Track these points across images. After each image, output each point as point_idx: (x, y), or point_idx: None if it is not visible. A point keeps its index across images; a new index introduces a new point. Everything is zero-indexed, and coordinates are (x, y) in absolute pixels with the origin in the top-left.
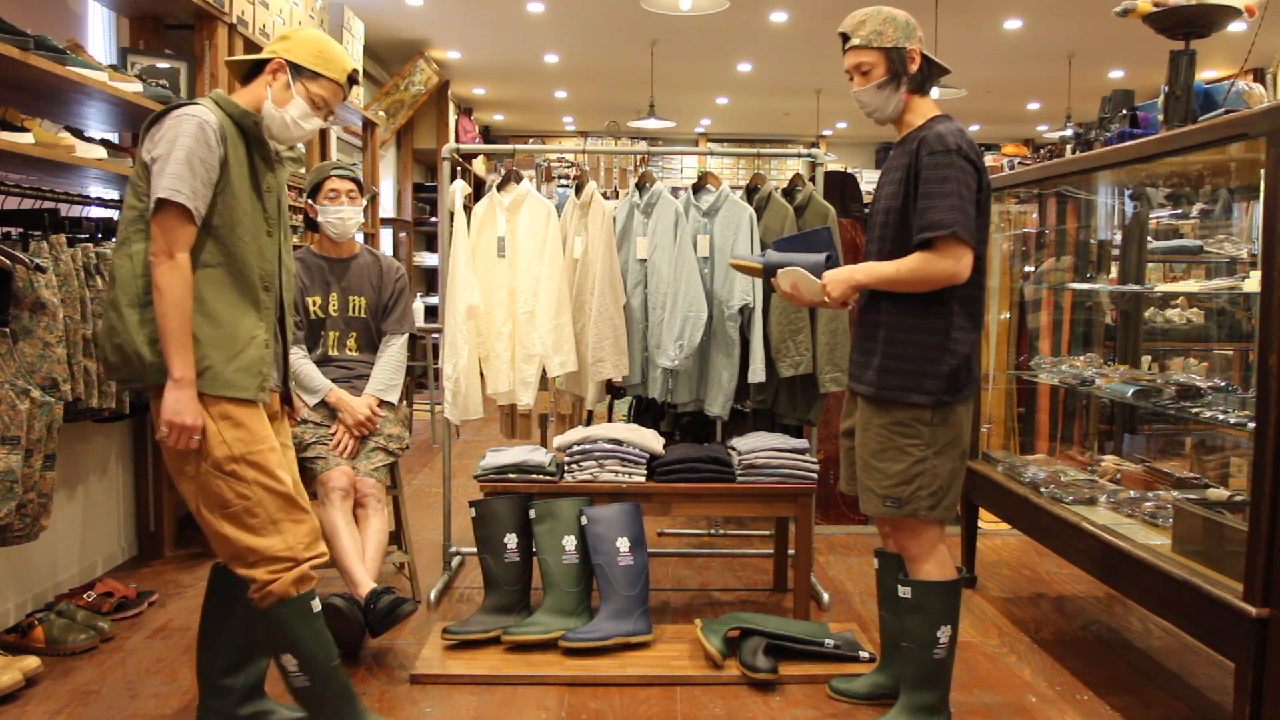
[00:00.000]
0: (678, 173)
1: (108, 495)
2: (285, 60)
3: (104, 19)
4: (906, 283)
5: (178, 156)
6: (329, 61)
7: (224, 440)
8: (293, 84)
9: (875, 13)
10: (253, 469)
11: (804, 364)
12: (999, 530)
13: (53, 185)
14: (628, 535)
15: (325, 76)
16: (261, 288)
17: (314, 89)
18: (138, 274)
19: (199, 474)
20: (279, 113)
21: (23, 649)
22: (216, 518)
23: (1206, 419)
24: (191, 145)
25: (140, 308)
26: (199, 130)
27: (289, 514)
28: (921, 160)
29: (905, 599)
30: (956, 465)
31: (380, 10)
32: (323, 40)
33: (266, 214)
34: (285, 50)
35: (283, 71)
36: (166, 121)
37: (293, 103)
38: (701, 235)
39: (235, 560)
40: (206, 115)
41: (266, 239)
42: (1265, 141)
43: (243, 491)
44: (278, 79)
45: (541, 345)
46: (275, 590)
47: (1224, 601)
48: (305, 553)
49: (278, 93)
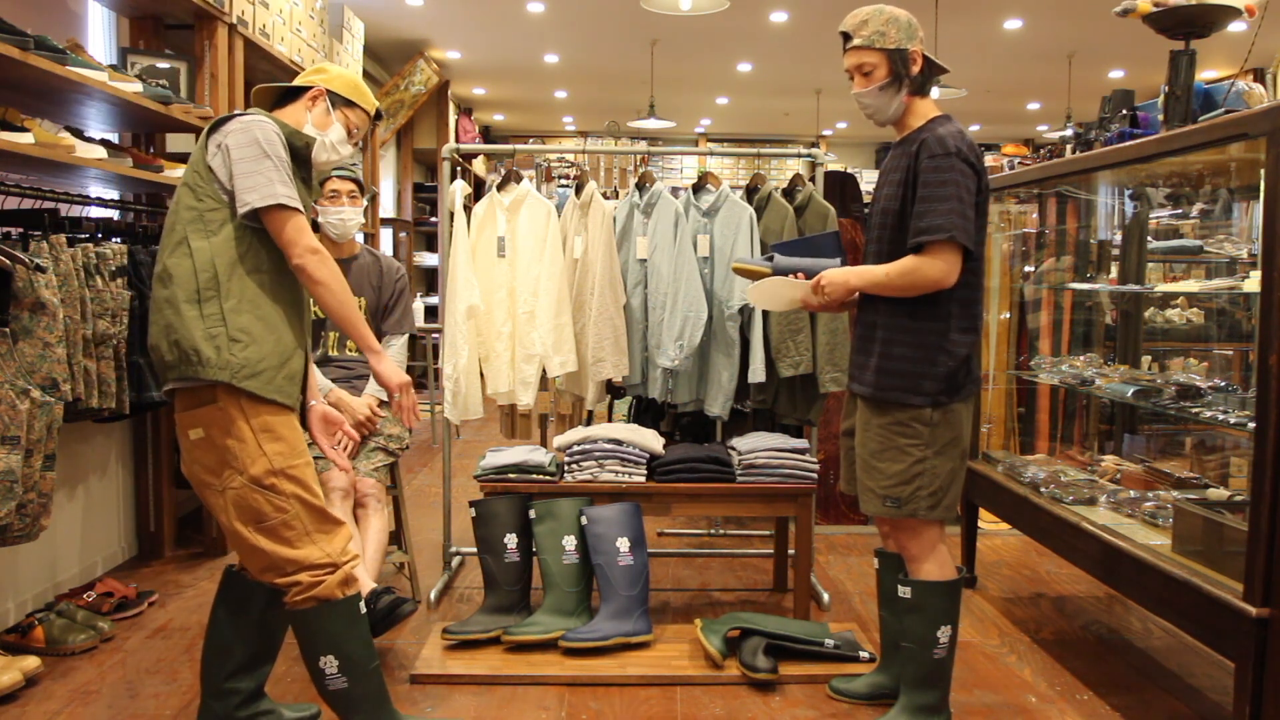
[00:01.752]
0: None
1: (108, 495)
2: (325, 89)
3: (104, 19)
4: (896, 287)
5: (264, 163)
6: (362, 95)
7: (264, 454)
8: (332, 111)
9: (878, 12)
10: (291, 483)
11: (804, 364)
12: (999, 530)
13: (53, 185)
14: (628, 535)
15: (359, 106)
16: (305, 298)
17: (350, 116)
18: (199, 269)
19: (236, 488)
20: (320, 136)
21: (23, 649)
22: (252, 531)
23: (1206, 419)
24: (275, 150)
25: (199, 304)
26: (277, 137)
27: (322, 525)
28: (921, 163)
29: (905, 599)
30: (956, 465)
31: (380, 10)
32: (355, 76)
33: None
34: (325, 81)
35: (323, 98)
36: (234, 127)
37: (333, 128)
38: (701, 235)
39: (271, 571)
40: (274, 124)
41: None
42: (1265, 141)
43: (280, 505)
44: (318, 105)
45: (541, 345)
46: (319, 594)
47: (1224, 601)
48: (342, 557)
49: (318, 117)
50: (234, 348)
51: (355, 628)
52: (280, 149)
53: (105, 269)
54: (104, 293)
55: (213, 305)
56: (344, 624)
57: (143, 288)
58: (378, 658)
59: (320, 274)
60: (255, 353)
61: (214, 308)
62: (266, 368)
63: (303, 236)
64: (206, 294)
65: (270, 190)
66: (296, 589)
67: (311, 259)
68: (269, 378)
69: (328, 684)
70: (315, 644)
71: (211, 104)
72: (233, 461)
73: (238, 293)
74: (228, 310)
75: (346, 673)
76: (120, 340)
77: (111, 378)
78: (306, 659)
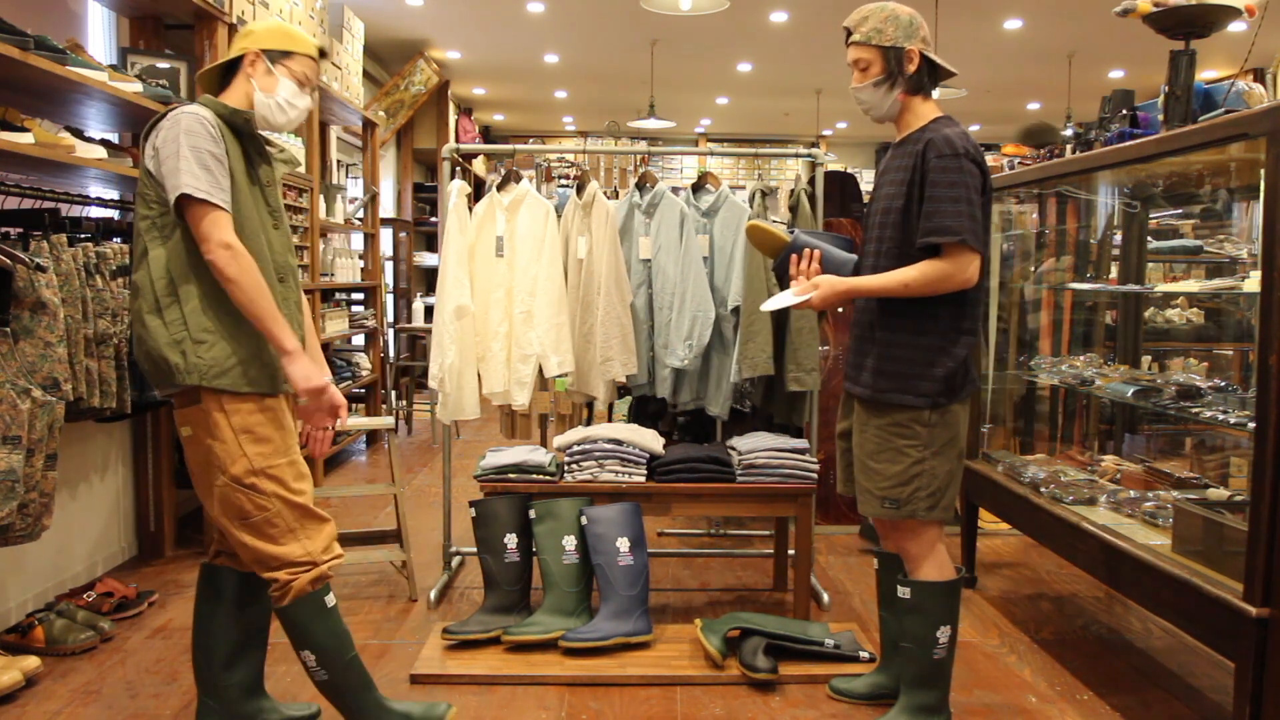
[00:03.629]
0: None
1: (108, 495)
2: (258, 50)
3: (104, 19)
4: (919, 291)
5: (185, 154)
6: (295, 39)
7: (244, 454)
8: (273, 69)
9: (879, 9)
10: (271, 482)
11: (761, 365)
12: (999, 530)
13: (53, 185)
14: (628, 535)
15: (298, 53)
16: (277, 279)
17: (294, 67)
18: (155, 278)
19: (220, 486)
20: (270, 99)
21: (23, 649)
22: (237, 527)
23: (1206, 419)
24: (196, 142)
25: (159, 312)
26: (199, 125)
27: (306, 523)
28: (929, 163)
29: (905, 599)
30: (954, 465)
31: (380, 10)
32: (280, 23)
33: (270, 207)
34: (253, 43)
35: (260, 60)
36: (164, 124)
37: (279, 85)
38: (701, 235)
39: (258, 565)
40: (202, 112)
41: (274, 232)
42: (1265, 141)
43: (261, 504)
44: (257, 68)
45: (539, 345)
46: (293, 588)
47: (1224, 601)
48: (323, 555)
49: (262, 81)
50: (199, 349)
51: (323, 620)
52: (202, 137)
53: (106, 268)
54: (105, 292)
55: (173, 311)
56: (309, 617)
57: None
58: (353, 648)
59: (229, 270)
60: (221, 350)
61: (175, 313)
62: (236, 363)
63: (215, 230)
64: (165, 301)
65: (176, 181)
66: (276, 585)
67: (222, 254)
68: (241, 372)
69: (313, 676)
70: (294, 639)
71: None
72: (215, 461)
73: (198, 293)
74: (188, 313)
75: (324, 665)
76: (121, 340)
77: (112, 377)
78: (297, 654)
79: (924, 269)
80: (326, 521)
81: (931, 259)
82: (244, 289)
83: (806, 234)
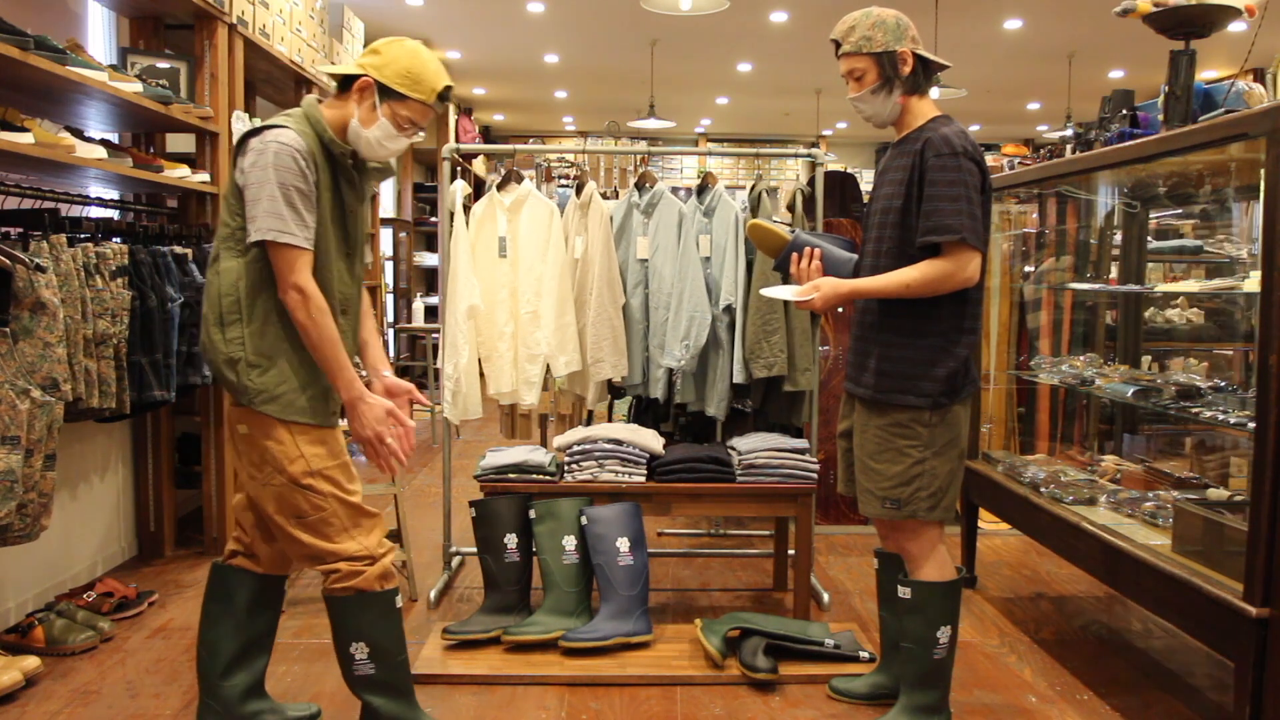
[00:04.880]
0: (678, 173)
1: (108, 495)
2: (374, 80)
3: (104, 19)
4: (920, 291)
5: (272, 191)
6: (417, 82)
7: (302, 455)
8: (379, 106)
9: (864, 17)
10: (328, 483)
11: (777, 365)
12: (999, 530)
13: (53, 185)
14: (628, 535)
15: (412, 98)
16: (340, 311)
17: (400, 111)
18: (224, 293)
19: (277, 485)
20: (364, 132)
21: (23, 649)
22: (292, 525)
23: (1206, 419)
24: (285, 177)
25: (223, 327)
26: (291, 160)
27: (359, 520)
28: (928, 162)
29: (905, 599)
30: (955, 466)
31: (380, 10)
32: (413, 58)
33: (348, 237)
34: (375, 68)
35: (370, 92)
36: (254, 146)
37: (377, 124)
38: (703, 235)
39: (311, 560)
40: (297, 144)
41: (344, 261)
42: (1265, 141)
43: (318, 504)
44: (365, 99)
45: (547, 345)
46: (359, 585)
47: (1224, 601)
48: (379, 549)
49: (364, 113)
50: (252, 373)
51: (389, 620)
52: (292, 173)
53: (105, 269)
54: (104, 292)
55: (235, 329)
56: (379, 615)
57: (143, 287)
58: (405, 651)
59: (299, 315)
60: (274, 377)
61: (236, 331)
62: (286, 390)
63: (291, 273)
64: (230, 317)
65: (262, 224)
66: (336, 576)
67: (294, 297)
68: (289, 400)
69: (355, 669)
70: (348, 630)
71: (211, 104)
72: (272, 461)
73: (262, 314)
74: (249, 334)
75: (375, 660)
76: (121, 340)
77: (112, 377)
78: (338, 643)
79: (924, 269)
80: (378, 517)
81: (932, 259)
82: (309, 334)
83: (807, 234)
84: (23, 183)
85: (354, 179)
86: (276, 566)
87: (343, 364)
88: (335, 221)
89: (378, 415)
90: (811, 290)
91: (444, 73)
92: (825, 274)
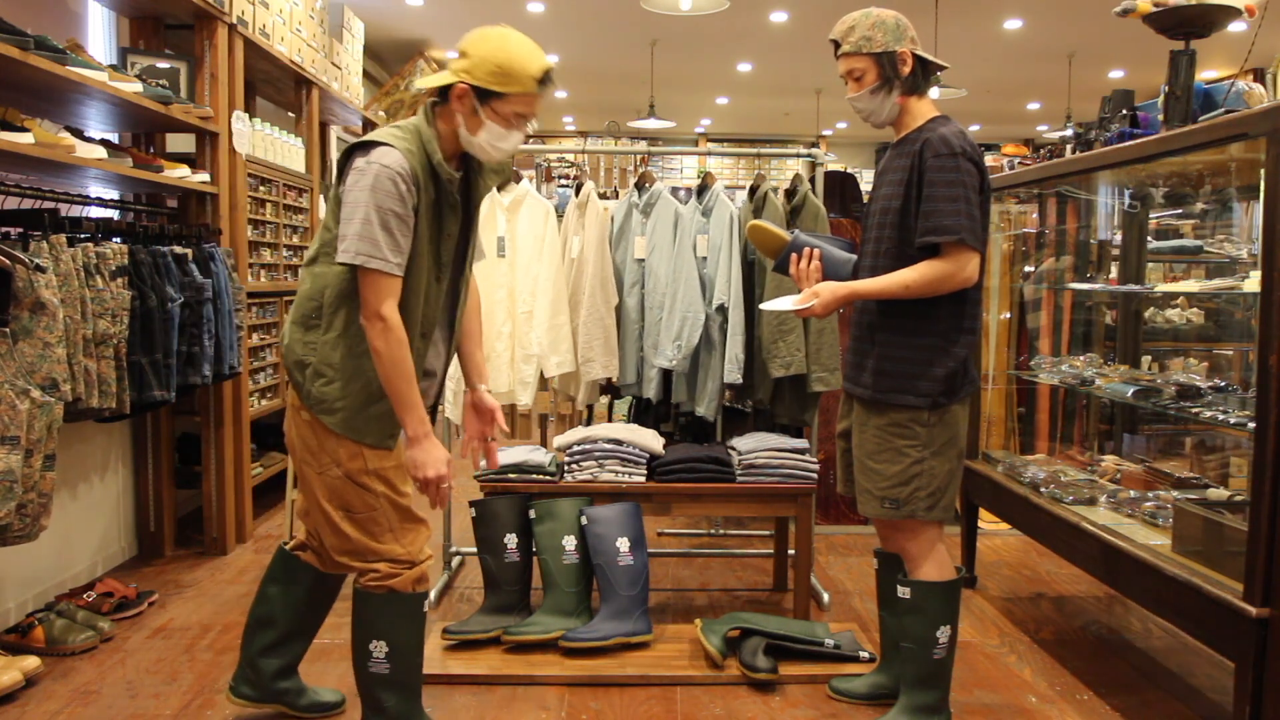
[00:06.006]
0: (678, 173)
1: (108, 495)
2: (468, 85)
3: (104, 19)
4: (920, 292)
5: (370, 215)
6: (510, 76)
7: (361, 454)
8: (480, 109)
9: (863, 17)
10: (382, 483)
11: (795, 364)
12: (999, 530)
13: (53, 185)
14: (628, 535)
15: (513, 93)
16: (419, 334)
17: (502, 109)
18: (310, 295)
19: (332, 476)
20: (474, 139)
21: (23, 649)
22: (341, 518)
23: (1206, 419)
24: (383, 201)
25: (304, 329)
26: (390, 183)
27: (406, 523)
28: (926, 163)
29: (905, 599)
30: (954, 465)
31: (380, 10)
32: (502, 51)
33: (440, 261)
34: (466, 72)
35: (468, 98)
36: (356, 163)
37: (484, 128)
38: (701, 235)
39: (352, 555)
40: (400, 166)
41: (435, 286)
42: (1265, 141)
43: (370, 502)
44: (464, 105)
45: (539, 345)
46: (394, 585)
47: (1224, 601)
48: (420, 555)
49: (468, 120)
50: (318, 381)
51: (414, 623)
52: (389, 196)
53: (105, 269)
54: (104, 292)
55: (314, 334)
56: (406, 617)
57: (143, 287)
58: (422, 655)
59: (377, 343)
60: (336, 391)
61: (314, 336)
62: (345, 407)
63: (376, 299)
64: (310, 322)
65: (352, 246)
66: (374, 575)
67: (375, 325)
68: (346, 416)
69: (370, 665)
70: (372, 627)
71: (211, 104)
72: (330, 452)
73: (340, 326)
74: (324, 343)
75: (392, 660)
76: (120, 340)
77: (112, 377)
78: (356, 638)
79: (923, 269)
80: (424, 523)
81: (931, 259)
82: (383, 363)
83: (807, 234)
84: (23, 183)
85: (455, 202)
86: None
87: (413, 401)
88: (432, 245)
89: (438, 459)
90: (811, 297)
91: (538, 55)
92: (825, 274)
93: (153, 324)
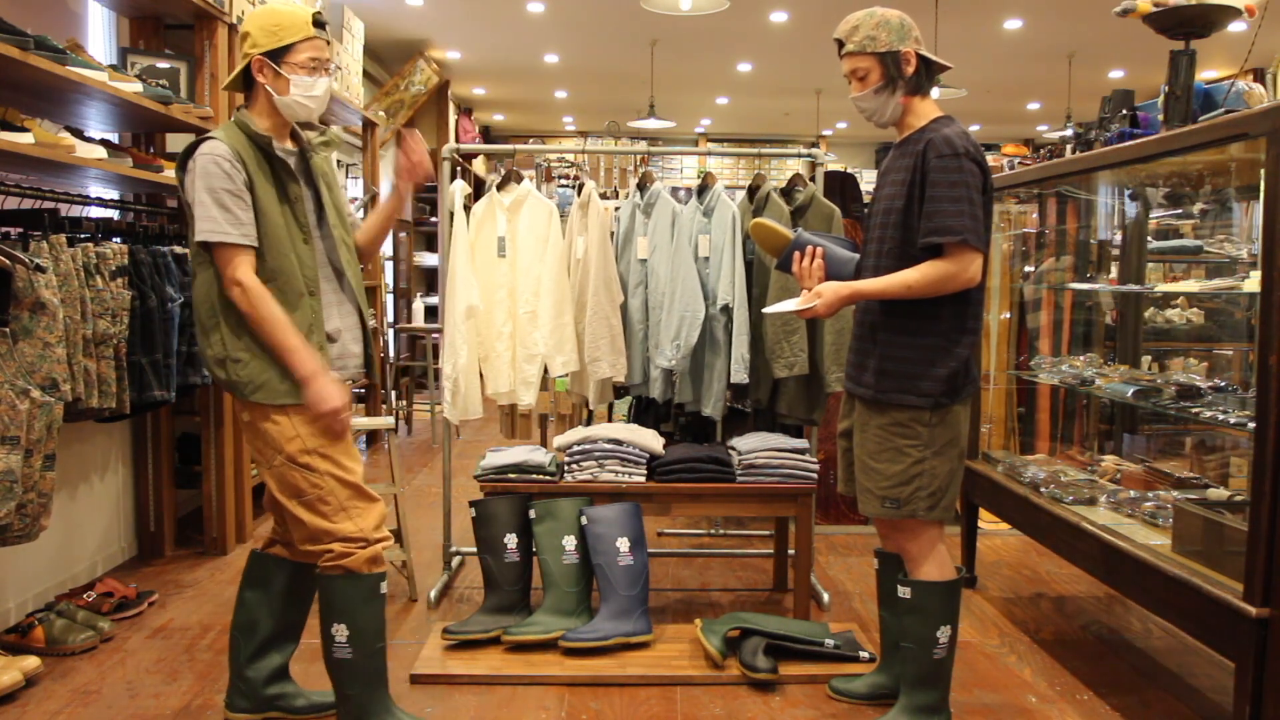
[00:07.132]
0: (678, 173)
1: (108, 495)
2: (257, 56)
3: (104, 19)
4: (922, 292)
5: (202, 198)
6: (286, 28)
7: (297, 434)
8: (279, 69)
9: (868, 16)
10: (324, 461)
11: (798, 365)
12: (999, 530)
13: (53, 185)
14: (628, 535)
15: (295, 42)
16: (307, 292)
17: (297, 60)
18: (201, 301)
19: (277, 466)
20: (288, 99)
21: (23, 649)
22: (293, 504)
23: (1206, 419)
24: (211, 183)
25: (206, 332)
26: (214, 165)
27: (357, 501)
28: (930, 163)
29: (905, 599)
30: (955, 465)
31: (380, 10)
32: (270, 14)
33: (300, 223)
34: (252, 47)
35: (265, 67)
36: (188, 165)
37: (291, 83)
38: (703, 235)
39: (310, 540)
40: (218, 149)
41: (304, 247)
42: (1265, 141)
43: (315, 481)
44: (266, 75)
45: (544, 345)
46: (349, 564)
47: (1224, 601)
48: (374, 534)
49: (274, 84)
50: (236, 368)
51: (371, 605)
52: (217, 177)
53: (105, 269)
54: (104, 292)
55: (216, 333)
56: (362, 598)
57: (143, 287)
58: (385, 640)
59: (242, 305)
60: (256, 368)
61: (217, 334)
62: (268, 378)
63: (228, 268)
64: (209, 322)
65: (199, 228)
66: (329, 556)
67: (234, 291)
68: (272, 386)
69: (334, 651)
70: (332, 610)
71: (211, 104)
72: (271, 442)
73: (234, 317)
74: (225, 335)
75: (353, 644)
76: (120, 340)
77: (111, 377)
78: (322, 623)
79: (926, 270)
80: (376, 501)
81: (933, 259)
82: (256, 322)
83: (809, 233)
84: (23, 183)
85: (290, 168)
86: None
87: (292, 344)
88: (283, 211)
89: (333, 391)
90: (814, 298)
91: (303, 7)
92: (828, 273)
93: (153, 324)
